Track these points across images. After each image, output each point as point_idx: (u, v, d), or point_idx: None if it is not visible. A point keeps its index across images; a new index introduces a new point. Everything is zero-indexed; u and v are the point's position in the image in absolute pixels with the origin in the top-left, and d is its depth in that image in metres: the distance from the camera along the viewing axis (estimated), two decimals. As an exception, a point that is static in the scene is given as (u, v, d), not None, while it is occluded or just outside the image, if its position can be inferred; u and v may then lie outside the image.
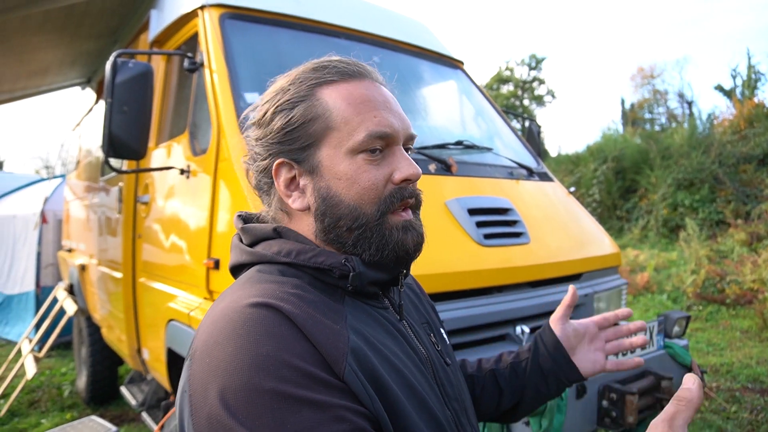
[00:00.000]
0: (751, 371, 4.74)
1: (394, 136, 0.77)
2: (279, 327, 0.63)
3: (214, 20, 2.39)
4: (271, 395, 0.57)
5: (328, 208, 0.76)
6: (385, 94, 0.80)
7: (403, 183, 0.77)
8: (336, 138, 0.76)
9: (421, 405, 0.71)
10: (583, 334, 1.02)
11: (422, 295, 1.01)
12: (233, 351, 0.61)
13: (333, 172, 0.76)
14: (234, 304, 0.67)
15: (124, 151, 2.17)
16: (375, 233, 0.76)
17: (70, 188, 5.38)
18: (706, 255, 7.86)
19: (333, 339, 0.65)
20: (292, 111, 0.77)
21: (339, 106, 0.76)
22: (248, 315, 0.64)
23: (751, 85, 14.52)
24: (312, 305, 0.69)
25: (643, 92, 25.29)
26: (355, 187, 0.75)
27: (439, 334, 0.93)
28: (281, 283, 0.71)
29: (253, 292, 0.68)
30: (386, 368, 0.69)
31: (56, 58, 4.56)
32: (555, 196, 2.90)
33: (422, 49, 3.21)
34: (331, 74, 0.78)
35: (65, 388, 4.83)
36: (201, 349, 0.65)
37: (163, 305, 2.52)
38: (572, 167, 14.10)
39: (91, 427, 3.00)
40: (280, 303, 0.65)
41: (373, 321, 0.76)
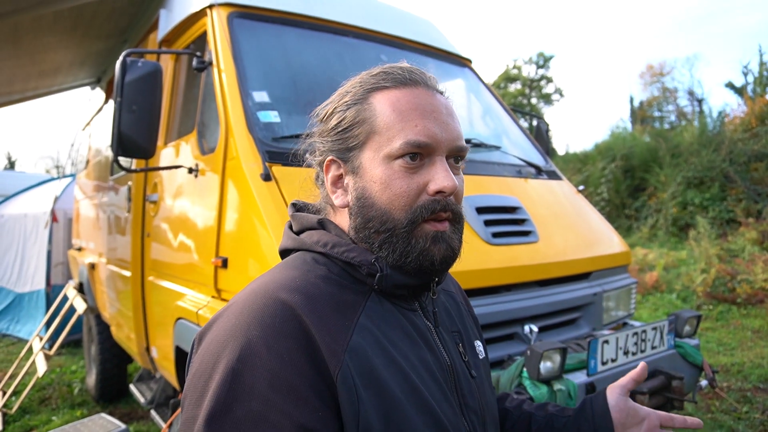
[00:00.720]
0: (762, 371, 4.68)
1: (434, 146, 0.77)
2: (280, 322, 0.67)
3: (222, 19, 2.40)
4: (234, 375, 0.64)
5: (360, 209, 0.79)
6: (435, 103, 0.79)
7: (438, 195, 0.77)
8: (377, 142, 0.78)
9: (425, 409, 0.71)
10: (642, 419, 0.92)
11: (462, 305, 0.99)
12: (229, 326, 0.69)
13: (370, 175, 0.78)
14: (262, 287, 0.74)
15: (133, 149, 2.18)
16: (401, 239, 0.76)
17: (79, 187, 5.42)
18: (716, 254, 7.78)
19: (335, 336, 0.68)
20: (346, 112, 0.81)
21: (385, 111, 0.78)
22: (262, 303, 0.70)
23: (763, 83, 14.34)
24: (329, 298, 0.73)
25: (652, 90, 25.11)
26: (387, 192, 0.76)
27: (470, 345, 0.92)
28: (311, 270, 0.77)
29: (282, 279, 0.75)
30: (390, 369, 0.70)
31: (67, 58, 4.59)
32: (563, 195, 2.88)
33: (430, 47, 3.20)
34: (386, 80, 0.80)
35: (75, 386, 4.87)
36: (214, 317, 0.74)
37: (171, 304, 2.53)
38: (580, 166, 14.01)
39: (100, 424, 3.02)
40: (297, 297, 0.70)
41: (395, 321, 0.78)
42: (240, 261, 2.01)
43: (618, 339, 1.94)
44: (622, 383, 0.95)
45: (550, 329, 2.27)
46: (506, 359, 1.96)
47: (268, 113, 2.17)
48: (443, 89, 0.85)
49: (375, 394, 0.67)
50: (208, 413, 0.62)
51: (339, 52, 2.72)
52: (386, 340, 0.73)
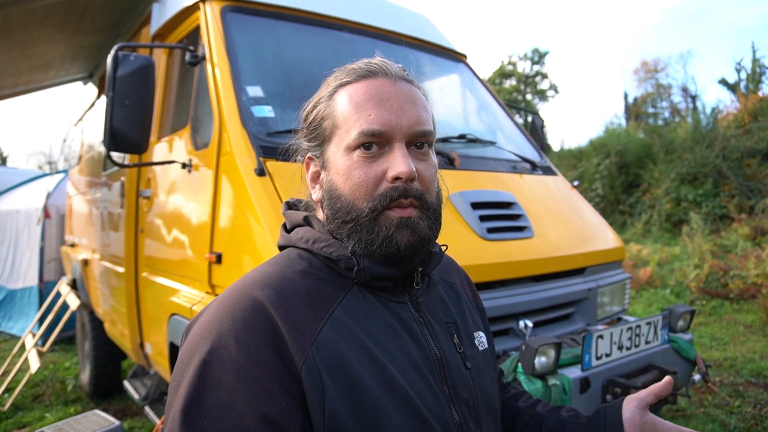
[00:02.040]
0: (754, 366, 4.72)
1: (390, 133, 0.77)
2: (248, 316, 0.71)
3: (215, 13, 2.38)
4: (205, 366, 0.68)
5: (329, 201, 0.82)
6: (393, 91, 0.80)
7: (396, 181, 0.77)
8: (338, 136, 0.81)
9: (402, 399, 0.73)
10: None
11: (465, 296, 0.99)
12: (207, 319, 0.74)
13: (335, 168, 0.81)
14: (240, 284, 0.78)
15: (126, 144, 2.17)
16: (365, 228, 0.78)
17: (72, 183, 5.38)
18: (709, 249, 7.83)
19: (302, 329, 0.71)
20: (314, 111, 0.85)
21: (343, 105, 0.81)
22: (237, 298, 0.74)
23: (756, 79, 14.43)
24: (302, 292, 0.76)
25: (646, 86, 25.18)
26: (348, 183, 0.79)
27: (468, 337, 0.91)
28: (290, 266, 0.80)
29: (259, 275, 0.78)
30: (363, 360, 0.72)
31: (58, 52, 4.55)
32: (558, 190, 2.89)
33: (425, 42, 3.19)
34: (350, 75, 0.82)
35: (69, 383, 4.84)
36: (210, 304, 0.79)
37: (165, 300, 2.52)
38: (575, 162, 14.05)
39: (94, 421, 3.01)
40: (268, 292, 0.74)
41: (375, 313, 0.79)
42: (234, 256, 2.00)
43: (612, 334, 1.94)
44: (642, 396, 0.90)
45: (544, 324, 2.28)
46: (501, 354, 1.96)
47: (262, 108, 2.15)
48: (411, 78, 0.85)
49: (343, 385, 0.69)
50: (182, 402, 0.66)
51: (333, 46, 2.71)
52: (363, 332, 0.75)
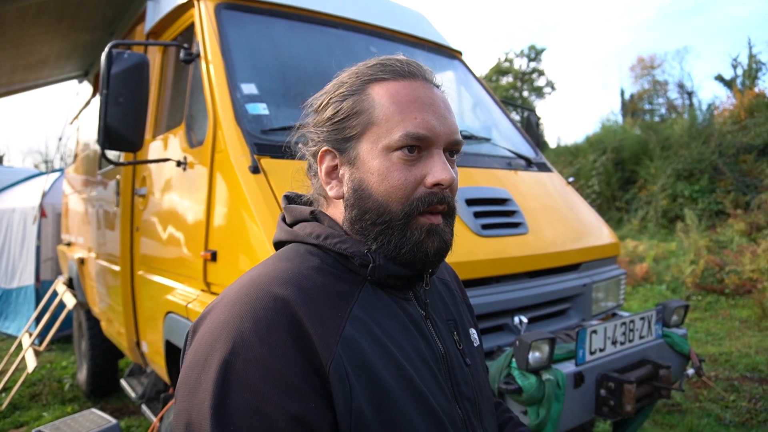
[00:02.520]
0: (749, 360, 4.75)
1: (433, 139, 0.77)
2: (272, 314, 0.67)
3: (210, 11, 2.37)
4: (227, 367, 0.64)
5: (357, 200, 0.79)
6: (434, 96, 0.80)
7: (435, 187, 0.77)
8: (375, 133, 0.78)
9: (418, 398, 0.72)
10: None
11: (457, 293, 1.00)
12: (223, 317, 0.69)
13: (367, 166, 0.78)
14: (255, 279, 0.74)
15: (120, 142, 2.16)
16: (396, 231, 0.77)
17: (68, 182, 5.36)
18: (705, 245, 7.86)
19: (327, 327, 0.68)
20: (342, 103, 0.80)
21: (384, 103, 0.78)
22: (255, 295, 0.70)
23: (752, 75, 14.48)
24: (321, 289, 0.73)
25: (643, 83, 25.21)
26: (384, 184, 0.76)
27: (465, 333, 0.92)
28: (303, 262, 0.77)
29: (275, 271, 0.75)
30: (383, 360, 0.71)
31: (53, 50, 4.53)
32: (553, 187, 2.89)
33: (420, 39, 3.19)
34: (384, 72, 0.80)
35: (66, 382, 4.84)
36: (208, 308, 0.75)
37: (161, 298, 2.52)
38: (572, 158, 14.09)
39: (91, 419, 3.01)
40: (289, 288, 0.70)
41: (389, 311, 0.78)
42: (229, 254, 2.00)
43: (606, 329, 1.95)
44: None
45: (540, 320, 2.29)
46: (496, 350, 1.97)
47: (257, 105, 2.15)
48: (440, 83, 0.85)
49: (367, 385, 0.67)
50: (207, 406, 0.62)
51: (328, 44, 2.71)
52: (380, 331, 0.73)
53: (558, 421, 1.69)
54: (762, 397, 3.93)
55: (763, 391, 4.05)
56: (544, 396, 1.69)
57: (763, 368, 4.55)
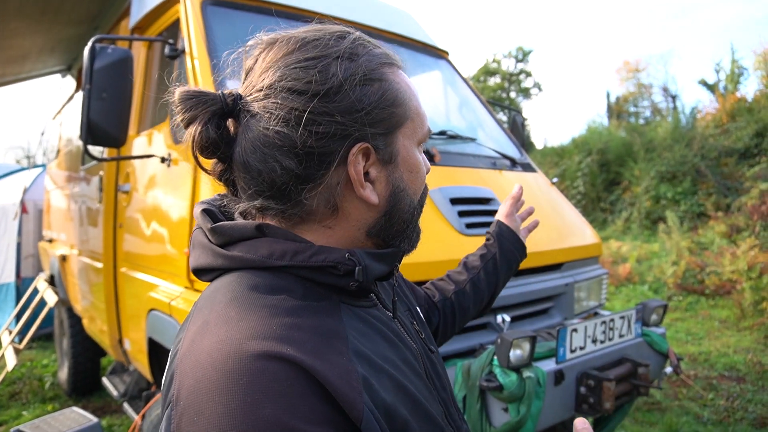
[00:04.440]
0: (728, 360, 4.84)
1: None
2: (289, 384, 0.52)
3: (195, 6, 2.36)
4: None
5: (396, 202, 0.70)
6: None
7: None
8: (410, 128, 0.71)
9: (428, 419, 0.65)
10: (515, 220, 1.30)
11: (401, 280, 0.96)
12: (227, 412, 0.50)
13: (407, 164, 0.70)
14: (237, 346, 0.54)
15: (104, 138, 2.14)
16: (415, 224, 0.75)
17: (50, 178, 5.29)
18: (687, 247, 7.99)
19: (347, 379, 0.55)
20: (367, 87, 0.65)
21: (410, 95, 0.71)
22: (250, 368, 0.52)
23: (734, 80, 14.72)
24: (313, 332, 0.58)
25: (628, 86, 25.49)
26: (417, 181, 0.73)
27: (419, 320, 0.89)
28: (276, 305, 0.59)
29: (254, 327, 0.56)
30: (392, 390, 0.61)
31: (35, 44, 4.47)
32: (537, 187, 2.92)
33: (407, 38, 3.20)
34: (388, 58, 0.70)
35: (46, 380, 4.77)
36: (187, 401, 0.53)
37: (144, 295, 2.50)
38: (558, 159, 14.21)
39: (72, 418, 2.97)
40: (288, 345, 0.54)
41: (371, 329, 0.67)
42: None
43: (587, 327, 1.98)
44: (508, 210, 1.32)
45: (522, 319, 2.31)
46: (478, 348, 1.99)
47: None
48: None
49: (389, 426, 0.58)
50: None
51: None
52: (377, 357, 0.63)
53: (538, 418, 1.71)
54: (739, 395, 4.02)
55: (741, 389, 4.14)
56: (525, 393, 1.71)
57: (740, 367, 4.64)
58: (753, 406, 3.83)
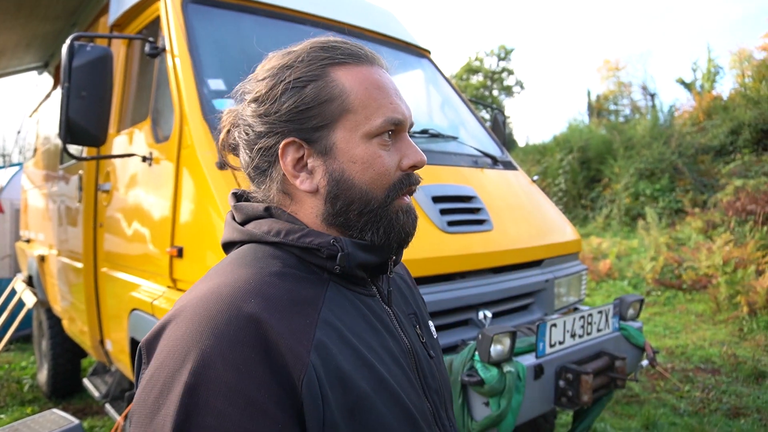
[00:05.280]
0: (704, 352, 4.97)
1: (405, 123, 0.79)
2: (235, 331, 0.62)
3: (176, 4, 2.34)
4: (189, 390, 0.59)
5: (341, 191, 0.76)
6: (393, 82, 0.81)
7: (410, 169, 0.79)
8: (353, 121, 0.75)
9: (393, 398, 0.70)
10: None
11: (413, 287, 1.00)
12: (182, 334, 0.63)
13: (348, 155, 0.75)
14: (214, 291, 0.67)
15: (83, 137, 2.12)
16: (383, 217, 0.77)
17: (27, 177, 5.20)
18: (665, 242, 8.15)
19: (298, 338, 0.64)
20: (304, 89, 0.75)
21: (356, 89, 0.75)
22: (216, 308, 0.64)
23: (711, 79, 15.00)
24: (288, 297, 0.68)
25: (608, 84, 25.83)
26: (369, 172, 0.75)
27: (425, 326, 0.92)
28: (264, 267, 0.71)
29: (235, 280, 0.68)
30: (355, 363, 0.68)
31: (11, 40, 4.38)
32: (518, 185, 2.97)
33: (389, 37, 3.22)
34: (344, 56, 0.77)
35: (25, 383, 4.70)
36: (171, 318, 0.67)
37: (125, 295, 2.48)
38: (539, 157, 14.35)
39: (52, 420, 2.93)
40: (254, 300, 0.65)
41: (355, 310, 0.75)
42: (195, 250, 1.99)
43: (565, 322, 2.03)
44: None
45: (503, 315, 2.35)
46: (460, 344, 2.02)
47: (224, 101, 2.14)
48: (387, 66, 0.84)
49: (341, 393, 0.65)
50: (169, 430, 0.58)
51: (296, 40, 2.66)
52: (349, 332, 0.70)
53: (518, 411, 1.75)
54: (714, 387, 4.13)
55: (716, 381, 4.25)
56: (505, 387, 1.74)
57: (716, 360, 4.77)
58: (727, 397, 3.94)
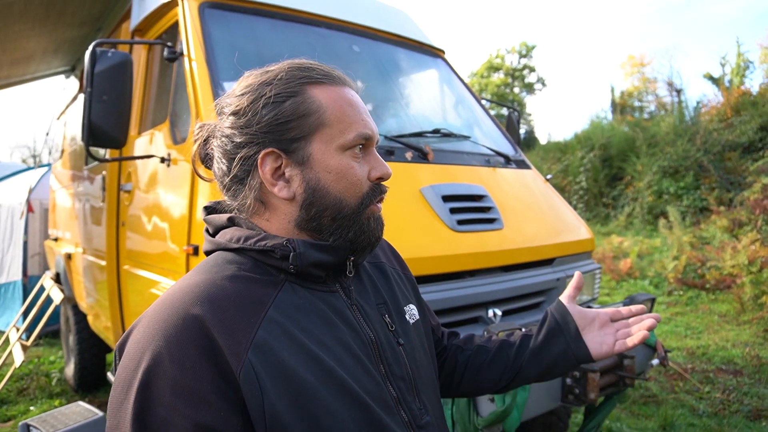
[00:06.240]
0: (726, 353, 4.87)
1: (374, 138, 0.87)
2: (179, 332, 0.71)
3: (193, 9, 2.42)
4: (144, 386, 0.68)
5: (316, 199, 0.83)
6: (362, 103, 0.89)
7: (377, 181, 0.87)
8: (328, 134, 0.82)
9: (341, 388, 0.76)
10: (593, 319, 1.03)
11: (393, 272, 1.04)
12: (138, 337, 0.73)
13: (323, 165, 0.82)
14: (170, 297, 0.76)
15: (104, 140, 2.21)
16: (355, 223, 0.84)
17: (55, 177, 5.37)
18: (688, 241, 8.00)
19: (237, 336, 0.72)
20: (283, 104, 0.82)
21: (331, 106, 0.83)
22: (167, 313, 0.73)
23: (740, 73, 14.61)
24: (234, 299, 0.76)
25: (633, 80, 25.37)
26: (342, 182, 0.83)
27: (398, 313, 0.96)
28: (218, 272, 0.79)
29: (188, 286, 0.77)
30: (299, 357, 0.75)
31: (39, 45, 4.54)
32: (531, 184, 2.97)
33: (403, 38, 3.24)
34: (319, 75, 0.85)
35: (54, 376, 4.86)
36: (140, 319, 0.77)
37: (146, 292, 2.57)
38: (560, 155, 14.20)
39: (77, 412, 3.04)
40: (199, 304, 0.73)
41: (309, 307, 0.81)
42: (211, 249, 2.05)
43: (574, 321, 2.03)
44: (568, 294, 1.08)
45: (513, 313, 2.36)
46: (468, 341, 2.04)
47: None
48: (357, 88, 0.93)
49: (282, 384, 0.72)
50: (128, 424, 0.68)
51: (311, 43, 2.76)
52: (297, 329, 0.77)
53: (524, 407, 1.76)
54: (735, 388, 4.05)
55: (737, 382, 4.17)
56: (512, 385, 1.75)
57: (738, 361, 4.68)
58: (749, 399, 3.86)
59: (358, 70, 2.87)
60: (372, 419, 0.78)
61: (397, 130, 2.64)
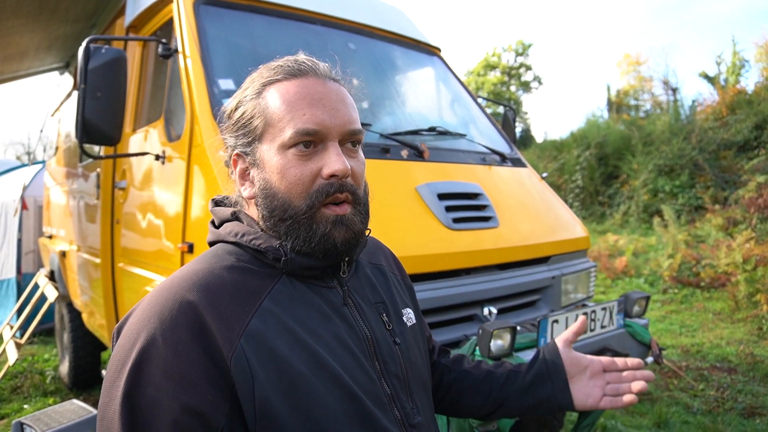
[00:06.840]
0: (720, 351, 4.90)
1: (324, 132, 0.81)
2: (174, 317, 0.73)
3: (188, 6, 2.40)
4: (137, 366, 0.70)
5: (264, 199, 0.84)
6: (325, 91, 0.83)
7: (332, 178, 0.81)
8: (271, 134, 0.82)
9: (333, 380, 0.77)
10: (585, 367, 1.02)
11: (392, 276, 1.04)
12: (137, 319, 0.76)
13: (269, 166, 0.82)
14: (168, 283, 0.78)
15: (98, 137, 2.19)
16: (303, 226, 0.81)
17: (50, 174, 5.35)
18: (683, 240, 8.03)
19: (231, 324, 0.74)
20: (244, 107, 0.85)
21: (275, 104, 0.82)
22: (164, 298, 0.75)
23: (736, 72, 14.66)
24: (230, 288, 0.78)
25: (629, 79, 25.41)
26: (284, 181, 0.81)
27: (396, 314, 0.96)
28: (217, 262, 0.82)
29: (187, 274, 0.79)
30: (292, 347, 0.76)
31: (33, 42, 4.51)
32: (527, 182, 2.97)
33: (399, 35, 3.24)
34: (278, 73, 0.84)
35: (48, 374, 4.84)
36: (138, 304, 0.79)
37: (141, 289, 2.56)
38: (556, 153, 14.21)
39: (72, 410, 3.02)
40: (195, 291, 0.75)
41: (305, 300, 0.83)
42: (205, 246, 2.04)
43: (568, 318, 2.03)
44: (565, 337, 1.05)
45: (509, 311, 2.36)
46: (463, 339, 2.04)
47: (233, 101, 2.19)
48: (338, 77, 0.88)
49: (274, 373, 0.73)
50: (118, 401, 0.69)
51: (307, 40, 2.75)
52: (292, 320, 0.78)
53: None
54: (730, 386, 4.07)
55: (731, 380, 4.19)
56: (507, 382, 1.76)
57: (732, 359, 4.70)
58: (743, 396, 3.88)
59: (353, 67, 2.86)
60: (364, 413, 0.78)
61: (393, 128, 2.64)
